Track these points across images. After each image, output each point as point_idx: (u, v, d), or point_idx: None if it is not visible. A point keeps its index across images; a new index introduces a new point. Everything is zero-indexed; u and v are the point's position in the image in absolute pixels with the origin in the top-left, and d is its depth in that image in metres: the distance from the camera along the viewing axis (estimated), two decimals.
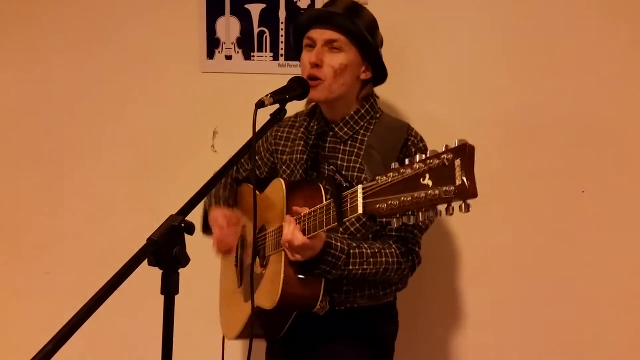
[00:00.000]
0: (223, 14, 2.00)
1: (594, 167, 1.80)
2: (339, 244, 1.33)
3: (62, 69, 2.18)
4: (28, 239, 2.30)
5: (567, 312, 1.86)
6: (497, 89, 1.84)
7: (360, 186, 1.05)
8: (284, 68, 1.97)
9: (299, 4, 1.93)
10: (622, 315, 1.83)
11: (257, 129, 1.27)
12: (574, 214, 1.82)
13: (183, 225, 0.99)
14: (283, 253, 1.35)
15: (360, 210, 1.04)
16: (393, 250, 1.41)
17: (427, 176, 0.89)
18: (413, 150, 1.45)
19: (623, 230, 1.80)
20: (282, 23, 1.96)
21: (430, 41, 1.86)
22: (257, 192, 1.59)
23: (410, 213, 0.93)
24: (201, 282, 2.04)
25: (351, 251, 1.35)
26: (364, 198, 1.04)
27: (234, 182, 1.73)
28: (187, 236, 0.98)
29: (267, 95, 1.30)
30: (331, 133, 1.52)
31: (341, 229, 1.40)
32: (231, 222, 1.57)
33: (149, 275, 1.03)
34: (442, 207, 0.88)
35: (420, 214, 0.91)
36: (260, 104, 1.28)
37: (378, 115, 1.53)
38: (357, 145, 1.49)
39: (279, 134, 1.63)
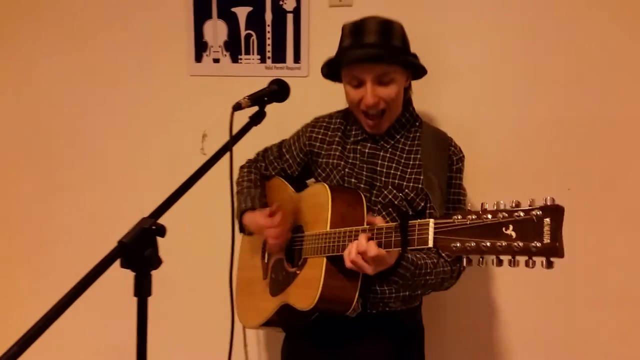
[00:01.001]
0: (210, 17, 2.01)
1: (580, 165, 1.79)
2: (409, 256, 1.32)
3: (50, 73, 2.21)
4: (22, 242, 2.33)
5: (552, 306, 1.86)
6: (485, 90, 1.84)
7: (432, 220, 1.08)
8: (271, 70, 1.98)
9: (284, 6, 1.94)
10: (610, 311, 1.82)
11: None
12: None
13: (154, 227, 1.00)
14: (324, 259, 1.37)
15: (431, 243, 1.07)
16: (444, 256, 1.41)
17: (511, 227, 0.92)
18: (454, 159, 1.48)
19: (609, 226, 1.79)
20: (268, 25, 1.96)
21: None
22: (293, 191, 1.63)
23: (482, 258, 0.97)
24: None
25: (418, 262, 1.34)
26: (435, 233, 1.06)
27: (262, 178, 1.74)
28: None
29: (244, 98, 1.31)
30: (371, 140, 1.52)
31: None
32: (275, 220, 1.54)
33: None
34: (521, 259, 0.92)
35: (493, 259, 0.95)
36: (237, 107, 1.28)
37: (417, 124, 1.53)
38: (398, 152, 1.50)
39: (314, 134, 1.63)
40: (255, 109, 1.36)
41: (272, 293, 1.59)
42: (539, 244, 0.88)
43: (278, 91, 1.41)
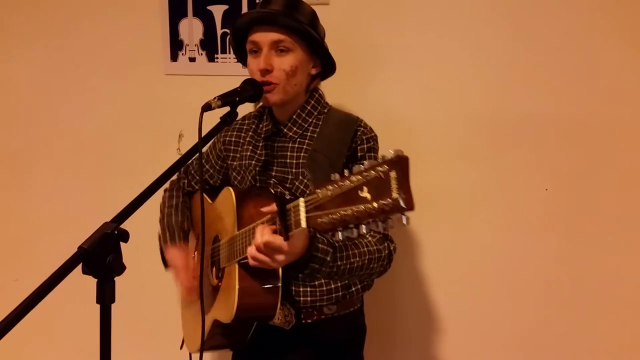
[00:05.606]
0: (185, 15, 1.98)
1: (557, 165, 1.78)
2: (325, 239, 1.24)
3: (23, 72, 2.16)
4: None
5: (531, 309, 1.85)
6: (460, 87, 1.82)
7: (301, 199, 1.01)
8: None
9: None
10: (586, 309, 1.82)
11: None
12: (537, 212, 1.81)
13: (116, 232, 0.97)
14: (236, 265, 1.31)
15: (304, 224, 0.99)
16: (369, 238, 1.33)
17: (365, 189, 0.86)
18: (364, 138, 1.42)
19: (587, 226, 1.79)
20: None
21: (392, 39, 1.84)
22: (209, 201, 1.56)
23: (352, 226, 0.89)
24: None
25: (336, 244, 1.26)
26: (306, 212, 0.99)
27: (186, 197, 1.69)
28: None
29: (214, 98, 1.28)
30: (280, 133, 1.48)
31: None
32: (189, 267, 1.56)
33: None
34: (380, 219, 0.85)
35: (363, 226, 0.88)
36: (207, 107, 1.25)
37: (326, 110, 1.49)
38: (306, 141, 1.45)
39: (227, 138, 1.59)
40: (227, 109, 1.34)
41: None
42: (389, 200, 0.82)
43: (250, 91, 1.38)
